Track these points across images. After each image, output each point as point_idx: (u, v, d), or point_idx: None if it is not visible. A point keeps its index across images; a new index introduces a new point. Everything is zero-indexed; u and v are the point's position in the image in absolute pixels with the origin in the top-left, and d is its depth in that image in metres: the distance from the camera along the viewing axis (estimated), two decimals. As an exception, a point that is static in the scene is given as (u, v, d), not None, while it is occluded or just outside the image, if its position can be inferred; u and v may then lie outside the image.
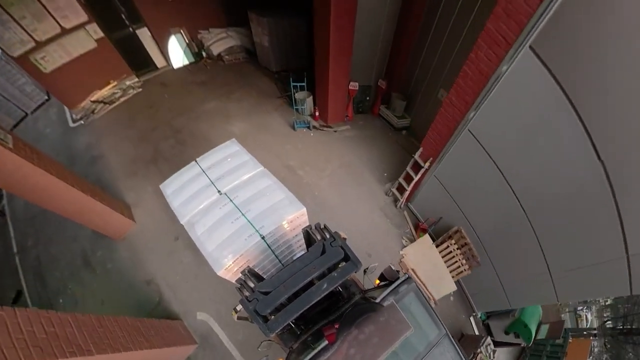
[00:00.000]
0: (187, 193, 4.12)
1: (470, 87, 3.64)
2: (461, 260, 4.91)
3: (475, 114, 3.72)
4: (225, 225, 3.77)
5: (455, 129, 4.13)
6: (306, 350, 2.76)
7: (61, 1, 7.38)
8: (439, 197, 5.14)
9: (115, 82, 9.09)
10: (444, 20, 5.84)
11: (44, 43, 7.41)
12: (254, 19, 8.78)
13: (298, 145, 7.71)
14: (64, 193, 4.72)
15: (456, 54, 5.86)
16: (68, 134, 8.41)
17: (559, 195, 3.22)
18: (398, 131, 8.18)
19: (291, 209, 3.91)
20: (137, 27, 8.86)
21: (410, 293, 3.12)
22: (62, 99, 8.34)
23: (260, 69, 10.33)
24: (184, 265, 5.50)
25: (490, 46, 3.21)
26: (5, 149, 3.88)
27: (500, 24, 3.04)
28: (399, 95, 7.78)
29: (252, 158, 4.52)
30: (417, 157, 5.17)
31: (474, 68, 3.49)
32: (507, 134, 3.49)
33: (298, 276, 2.56)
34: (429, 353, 3.05)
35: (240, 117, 8.48)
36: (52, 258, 5.97)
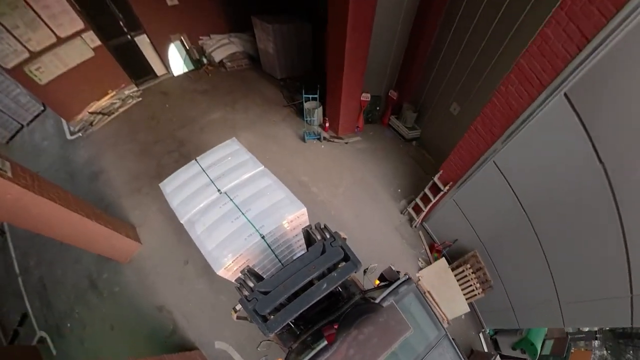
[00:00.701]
0: (186, 192, 4.09)
1: (498, 120, 3.61)
2: (475, 284, 4.97)
3: (502, 148, 3.72)
4: (225, 225, 3.75)
5: (479, 158, 4.11)
6: (305, 350, 2.75)
7: (56, 9, 7.03)
8: (456, 220, 5.14)
9: (113, 92, 8.75)
10: (459, 35, 5.67)
11: (38, 53, 7.07)
12: (258, 25, 8.47)
13: (309, 159, 7.45)
14: (68, 220, 4.45)
15: (471, 69, 5.70)
16: (66, 147, 8.07)
17: (575, 235, 3.36)
18: (408, 142, 7.99)
19: (291, 208, 3.89)
20: (135, 35, 8.51)
21: (410, 294, 3.11)
22: (59, 112, 8.00)
23: (264, 76, 10.02)
24: (197, 293, 5.28)
25: (522, 83, 3.16)
26: (4, 179, 3.57)
27: (534, 63, 2.98)
28: (410, 106, 7.58)
29: (252, 157, 4.48)
30: (436, 179, 5.11)
31: (503, 101, 3.45)
32: (532, 172, 3.54)
33: (298, 276, 2.56)
34: (429, 354, 3.04)
35: (247, 128, 8.16)
36: (56, 280, 5.73)
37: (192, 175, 4.27)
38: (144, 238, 5.91)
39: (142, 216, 6.31)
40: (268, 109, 8.83)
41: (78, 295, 5.52)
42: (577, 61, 2.66)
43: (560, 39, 2.72)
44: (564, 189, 3.25)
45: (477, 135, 3.96)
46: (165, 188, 4.25)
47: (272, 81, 9.83)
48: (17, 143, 8.58)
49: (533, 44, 2.91)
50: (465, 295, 5.10)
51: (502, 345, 5.59)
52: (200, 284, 5.37)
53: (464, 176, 4.55)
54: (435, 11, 5.79)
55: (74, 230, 4.59)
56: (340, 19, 5.11)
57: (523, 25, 4.50)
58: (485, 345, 5.58)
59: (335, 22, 5.37)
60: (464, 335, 5.57)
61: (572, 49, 2.66)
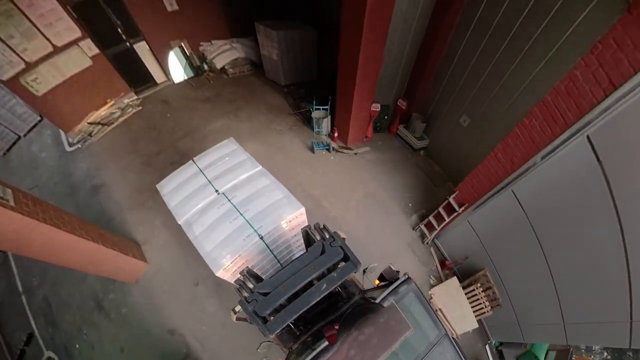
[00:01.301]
0: (184, 193, 4.07)
1: (519, 150, 3.68)
2: (485, 302, 5.09)
3: (521, 178, 3.79)
4: (224, 225, 3.73)
5: (497, 184, 4.19)
6: (306, 350, 2.75)
7: (52, 17, 6.77)
8: (468, 239, 5.19)
9: (112, 101, 8.50)
10: (473, 45, 5.52)
11: (35, 63, 6.83)
12: (262, 31, 8.25)
13: (319, 171, 7.22)
14: (75, 247, 4.27)
15: (484, 82, 5.57)
16: (65, 159, 7.83)
17: (583, 264, 3.55)
18: (416, 152, 7.86)
19: (290, 208, 3.88)
20: (134, 42, 8.26)
21: (410, 293, 3.09)
22: (57, 123, 7.75)
23: (267, 82, 9.80)
24: (210, 315, 5.12)
25: (546, 119, 3.22)
26: (7, 209, 3.37)
27: (560, 102, 3.02)
28: (419, 115, 7.43)
29: (249, 157, 4.45)
30: (451, 199, 5.12)
31: (525, 134, 3.52)
32: (548, 204, 3.66)
33: (297, 277, 2.56)
34: (429, 353, 3.03)
35: (252, 137, 7.93)
36: (61, 300, 5.57)
37: (189, 175, 4.23)
38: (149, 256, 5.74)
39: (146, 232, 6.12)
40: (273, 117, 8.60)
41: (84, 316, 5.36)
42: (603, 106, 2.69)
43: (588, 82, 2.74)
44: (577, 223, 3.42)
45: (497, 162, 4.03)
46: (163, 189, 4.21)
47: (276, 88, 9.61)
48: (14, 155, 8.33)
49: (561, 82, 2.94)
50: (475, 313, 5.18)
51: (507, 357, 5.67)
52: (213, 306, 5.22)
53: (480, 199, 4.61)
54: (449, 20, 5.64)
55: (80, 256, 4.40)
56: (354, 31, 4.94)
57: (537, 42, 4.44)
58: (491, 356, 5.59)
59: (349, 34, 5.19)
60: (471, 347, 5.59)
61: (599, 93, 2.69)
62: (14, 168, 8.05)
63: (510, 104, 5.26)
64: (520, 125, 3.54)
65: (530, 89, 4.81)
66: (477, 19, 5.24)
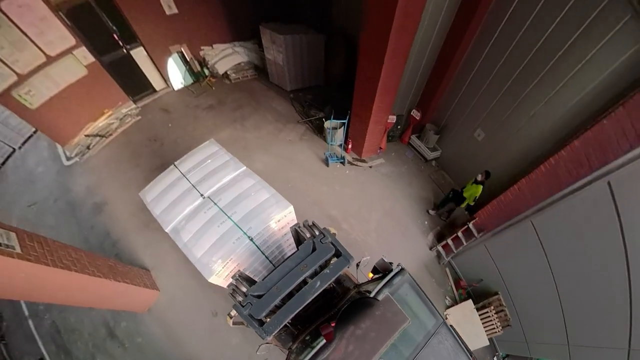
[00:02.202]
0: (168, 199, 3.96)
1: (543, 186, 3.81)
2: (496, 323, 5.28)
3: (542, 212, 3.94)
4: (212, 230, 3.66)
5: (518, 215, 4.29)
6: (305, 349, 2.73)
7: (44, 25, 6.32)
8: (484, 262, 5.31)
9: (110, 111, 8.07)
10: (493, 58, 5.35)
11: (27, 75, 6.40)
12: (268, 35, 7.85)
13: (335, 187, 6.90)
14: (86, 286, 4.04)
15: (502, 96, 5.43)
16: (63, 173, 7.47)
17: (589, 294, 3.79)
18: (428, 162, 7.72)
19: (278, 208, 3.84)
20: (131, 48, 7.82)
21: (405, 284, 3.08)
22: (53, 137, 7.35)
23: (271, 87, 9.41)
24: (234, 348, 4.92)
25: (572, 161, 3.39)
26: (14, 258, 3.09)
27: (588, 148, 3.20)
28: (432, 126, 7.26)
29: (232, 158, 4.34)
30: (471, 225, 5.17)
31: (551, 173, 3.66)
32: (564, 238, 3.85)
33: (290, 276, 2.54)
34: (428, 343, 3.03)
35: (261, 149, 7.56)
36: (71, 327, 5.35)
37: (172, 181, 4.12)
38: (161, 284, 5.50)
39: (155, 257, 5.86)
40: (282, 125, 8.24)
41: (97, 344, 5.16)
42: (627, 157, 2.84)
43: (617, 133, 2.91)
44: (588, 259, 3.64)
45: (521, 195, 4.15)
46: (146, 196, 4.09)
47: (282, 93, 9.24)
48: (9, 169, 7.91)
49: (590, 130, 3.12)
50: (486, 331, 5.38)
51: None
52: (236, 338, 5.01)
53: (499, 227, 4.71)
54: (468, 35, 5.42)
55: (91, 294, 4.18)
56: (378, 44, 4.66)
57: (561, 60, 4.35)
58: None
59: (370, 52, 4.93)
60: (480, 358, 5.65)
61: (625, 145, 2.85)
62: (10, 183, 7.65)
63: (526, 124, 5.20)
64: (547, 164, 3.67)
65: (547, 111, 4.75)
66: (498, 34, 5.07)
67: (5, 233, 3.22)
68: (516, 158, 5.54)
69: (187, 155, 4.39)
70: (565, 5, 3.96)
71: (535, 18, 4.41)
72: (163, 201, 3.96)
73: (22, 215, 6.98)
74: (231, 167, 4.22)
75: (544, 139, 4.92)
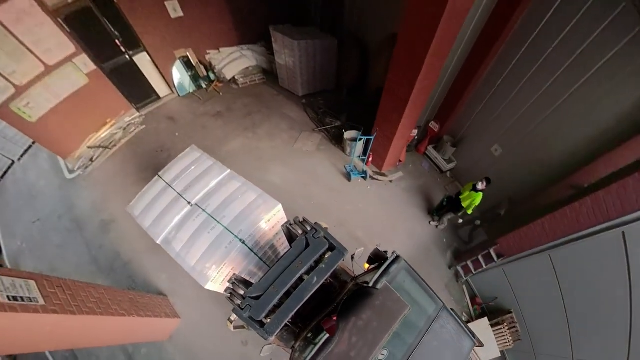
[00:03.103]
0: (156, 211, 3.95)
1: (564, 226, 4.10)
2: (508, 337, 5.57)
3: (559, 248, 4.26)
4: (203, 237, 3.67)
5: (537, 247, 4.60)
6: (308, 346, 2.74)
7: (42, 33, 5.90)
8: (500, 283, 5.56)
9: (113, 120, 7.67)
10: (517, 75, 5.22)
11: (26, 87, 5.99)
12: (280, 40, 7.47)
13: (359, 205, 6.58)
14: (110, 326, 3.81)
15: (524, 114, 5.35)
16: (66, 188, 7.12)
17: (595, 320, 4.20)
18: (443, 173, 7.59)
19: (266, 207, 3.85)
20: (134, 53, 7.37)
21: (402, 271, 3.09)
22: (55, 150, 7.00)
23: (281, 92, 9.04)
24: None
25: (593, 208, 3.66)
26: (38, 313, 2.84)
27: (609, 199, 3.47)
28: (449, 138, 7.10)
29: (216, 162, 4.33)
30: (492, 251, 5.34)
31: (573, 215, 3.94)
32: (578, 274, 4.21)
33: (286, 275, 2.54)
34: (430, 328, 3.05)
35: (278, 160, 7.19)
36: (87, 352, 5.02)
37: (158, 192, 4.11)
38: (180, 310, 5.29)
39: (171, 281, 5.61)
40: (297, 134, 7.85)
41: (119, 371, 4.91)
42: None
43: (637, 191, 3.21)
44: (597, 292, 4.06)
45: (542, 230, 4.40)
46: (134, 211, 4.09)
47: (292, 98, 8.87)
48: (9, 182, 7.54)
49: (615, 183, 3.37)
50: (498, 344, 5.64)
51: None
52: None
53: (518, 255, 4.97)
54: (496, 47, 5.22)
55: (115, 333, 3.99)
56: (411, 67, 4.46)
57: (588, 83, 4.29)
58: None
59: (404, 69, 4.68)
60: None
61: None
62: (10, 198, 7.28)
63: (547, 143, 5.18)
64: (570, 207, 3.95)
65: (569, 132, 4.77)
66: (526, 49, 4.90)
67: (24, 283, 2.95)
68: (532, 177, 5.60)
69: (170, 164, 4.36)
70: (598, 27, 3.88)
71: (567, 35, 4.30)
72: (151, 213, 3.94)
73: (26, 233, 6.66)
74: (216, 172, 4.20)
75: (563, 160, 4.97)
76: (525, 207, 5.75)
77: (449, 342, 3.17)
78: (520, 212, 5.74)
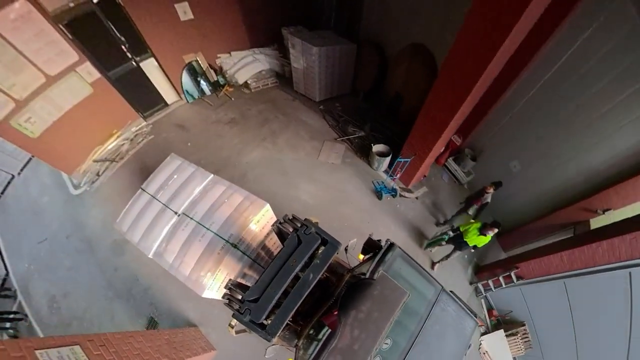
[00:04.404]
0: (144, 224, 3.93)
1: (581, 261, 4.52)
2: (521, 346, 5.97)
3: (574, 278, 4.77)
4: (194, 245, 3.65)
5: (554, 274, 5.03)
6: (312, 343, 2.77)
7: (42, 41, 5.37)
8: (517, 299, 5.94)
9: (119, 131, 7.17)
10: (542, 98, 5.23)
11: (26, 100, 5.49)
12: (299, 46, 7.04)
13: (391, 227, 6.32)
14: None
15: (545, 136, 5.43)
16: (73, 204, 6.68)
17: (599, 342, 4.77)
18: (461, 185, 7.55)
19: (254, 208, 3.84)
20: (141, 59, 6.83)
21: (398, 259, 3.09)
22: (59, 166, 6.54)
23: (296, 96, 8.59)
24: None
25: (607, 250, 4.11)
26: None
27: (622, 245, 3.92)
28: (470, 151, 7.02)
29: (198, 168, 4.30)
30: (513, 273, 5.63)
31: (590, 253, 4.34)
32: (587, 300, 4.78)
33: (282, 274, 2.54)
34: (431, 312, 3.05)
35: (304, 176, 6.75)
36: None
37: (143, 205, 4.07)
38: (215, 340, 5.06)
39: (198, 309, 5.33)
40: (319, 144, 7.43)
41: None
42: None
43: None
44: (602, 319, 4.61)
45: (561, 261, 4.81)
46: (122, 227, 4.06)
47: (308, 104, 8.45)
48: (10, 197, 7.01)
49: (628, 234, 3.77)
50: (511, 352, 6.01)
51: None
52: None
53: (536, 279, 5.37)
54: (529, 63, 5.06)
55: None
56: (455, 96, 4.33)
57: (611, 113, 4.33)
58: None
59: (447, 99, 4.54)
60: None
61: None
62: (12, 215, 6.79)
63: (566, 165, 5.29)
64: (588, 246, 4.32)
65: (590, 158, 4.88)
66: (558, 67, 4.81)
67: (70, 352, 2.65)
68: (546, 197, 5.80)
69: (152, 175, 4.30)
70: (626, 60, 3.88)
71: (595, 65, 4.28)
72: (139, 228, 3.91)
73: (33, 254, 6.26)
74: (199, 178, 4.17)
75: (578, 184, 5.18)
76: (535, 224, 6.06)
77: (451, 324, 3.18)
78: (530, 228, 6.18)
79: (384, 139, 7.08)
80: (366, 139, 7.20)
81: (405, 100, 7.52)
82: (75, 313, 5.65)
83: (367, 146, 7.01)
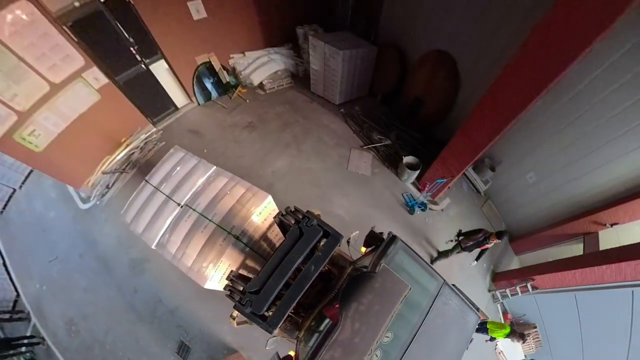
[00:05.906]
0: (147, 216, 3.96)
1: (592, 277, 4.92)
2: (532, 345, 6.40)
3: (583, 290, 5.22)
4: (197, 236, 3.67)
5: (567, 286, 5.45)
6: (313, 335, 2.75)
7: (45, 45, 4.87)
8: (530, 305, 6.38)
9: (128, 139, 6.69)
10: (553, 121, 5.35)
11: (30, 112, 5.02)
12: (321, 48, 6.59)
13: (422, 242, 6.16)
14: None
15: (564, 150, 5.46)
16: (83, 220, 6.29)
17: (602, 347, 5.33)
18: (479, 194, 7.48)
19: (257, 200, 3.86)
20: (151, 61, 6.30)
21: (400, 251, 3.06)
22: (66, 180, 6.08)
23: (314, 98, 8.14)
24: None
25: (615, 270, 4.52)
26: None
27: (628, 268, 4.32)
28: (489, 161, 6.95)
29: (201, 160, 4.31)
30: (529, 284, 6.00)
31: (599, 272, 4.76)
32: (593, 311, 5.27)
33: (283, 266, 2.54)
34: (433, 306, 3.03)
35: (336, 188, 6.35)
36: None
37: (147, 197, 4.10)
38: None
39: (236, 332, 5.04)
40: (346, 152, 7.06)
41: None
42: None
43: None
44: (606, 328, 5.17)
45: (573, 277, 5.21)
46: (126, 218, 4.12)
47: (327, 106, 8.03)
48: (12, 212, 6.58)
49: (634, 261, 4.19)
50: (523, 351, 6.42)
51: None
52: None
53: (550, 289, 5.82)
54: None
55: None
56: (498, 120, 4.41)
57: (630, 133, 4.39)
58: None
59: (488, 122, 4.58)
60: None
61: None
62: (16, 230, 6.37)
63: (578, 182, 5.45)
64: (600, 268, 4.70)
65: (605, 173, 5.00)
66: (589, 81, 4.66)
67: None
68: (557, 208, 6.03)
69: (155, 167, 4.32)
70: None
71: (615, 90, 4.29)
72: (143, 219, 3.94)
73: (44, 274, 5.92)
74: (202, 170, 4.15)
75: (589, 198, 5.42)
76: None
77: (454, 318, 3.16)
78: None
79: (409, 148, 6.80)
80: (392, 147, 6.92)
81: (425, 105, 7.31)
82: (96, 336, 5.39)
83: (394, 155, 6.76)
